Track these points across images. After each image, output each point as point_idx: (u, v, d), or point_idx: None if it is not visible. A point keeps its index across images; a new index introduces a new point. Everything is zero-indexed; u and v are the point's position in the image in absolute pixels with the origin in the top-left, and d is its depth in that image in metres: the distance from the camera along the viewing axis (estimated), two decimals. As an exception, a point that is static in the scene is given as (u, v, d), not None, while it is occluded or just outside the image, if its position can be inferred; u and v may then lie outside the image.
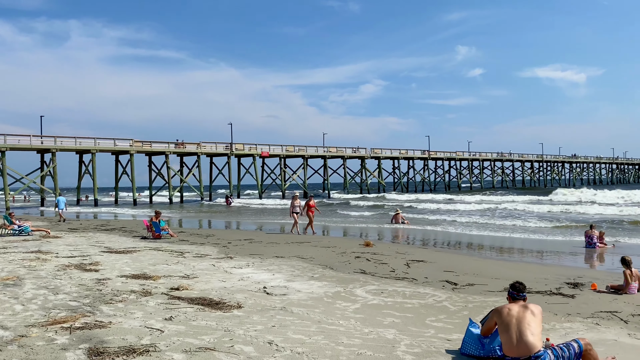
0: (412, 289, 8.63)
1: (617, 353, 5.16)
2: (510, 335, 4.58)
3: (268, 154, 65.55)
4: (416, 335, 5.76)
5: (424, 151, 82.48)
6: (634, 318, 6.76)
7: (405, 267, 11.04)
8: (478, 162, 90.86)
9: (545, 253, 14.71)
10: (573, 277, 9.72)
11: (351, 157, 73.68)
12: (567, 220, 25.01)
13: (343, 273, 10.19)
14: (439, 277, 9.86)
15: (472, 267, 11.09)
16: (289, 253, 13.30)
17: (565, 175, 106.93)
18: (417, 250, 14.83)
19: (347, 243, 16.26)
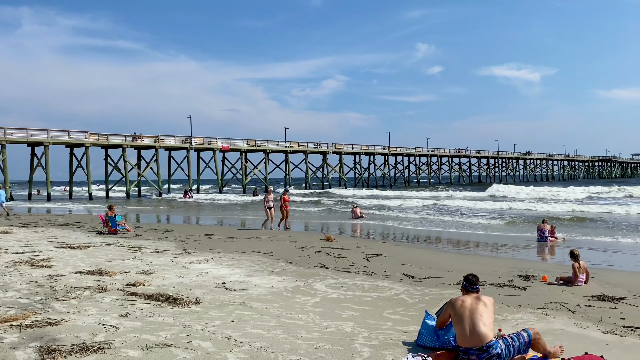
0: (371, 282, 8.74)
1: (565, 342, 5.38)
2: (464, 327, 4.71)
3: (229, 148, 64.86)
4: (374, 328, 5.85)
5: (384, 147, 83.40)
6: (581, 308, 7.06)
7: (365, 261, 11.17)
8: (436, 158, 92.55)
9: (500, 247, 15.16)
10: (525, 270, 10.06)
11: (313, 152, 73.79)
12: (510, 216, 25.81)
13: (303, 267, 10.22)
14: (397, 270, 10.02)
15: (430, 261, 11.32)
16: (249, 248, 13.24)
17: (520, 172, 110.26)
18: (376, 244, 15.02)
19: (308, 238, 16.30)
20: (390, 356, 4.89)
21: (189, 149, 61.76)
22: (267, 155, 68.34)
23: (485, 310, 4.77)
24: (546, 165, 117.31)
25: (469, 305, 4.83)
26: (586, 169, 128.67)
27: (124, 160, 57.10)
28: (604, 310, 6.94)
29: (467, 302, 4.87)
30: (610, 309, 7.04)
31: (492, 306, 4.89)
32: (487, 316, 4.73)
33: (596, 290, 8.22)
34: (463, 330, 4.70)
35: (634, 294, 7.93)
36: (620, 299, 7.60)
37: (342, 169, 77.49)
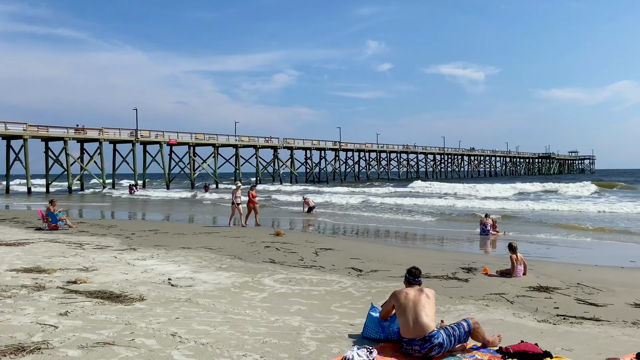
0: (320, 276, 8.81)
1: (503, 331, 5.61)
2: (407, 318, 4.84)
3: (176, 141, 63.52)
4: (321, 322, 5.90)
5: (335, 142, 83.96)
6: (519, 299, 7.38)
7: (314, 256, 11.23)
8: (385, 153, 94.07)
9: (444, 240, 15.60)
10: (467, 263, 10.41)
11: (264, 146, 73.39)
12: (439, 213, 26.63)
13: (252, 263, 10.17)
14: (345, 264, 10.13)
15: (377, 254, 11.51)
16: (196, 244, 13.04)
17: (464, 167, 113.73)
18: (326, 238, 15.13)
19: (257, 233, 16.22)
20: (336, 349, 4.95)
21: (135, 142, 60.08)
22: (217, 149, 67.41)
23: (428, 301, 4.92)
24: (489, 161, 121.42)
25: (412, 297, 4.96)
26: (527, 165, 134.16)
27: (66, 153, 54.87)
28: (540, 300, 7.28)
29: (411, 294, 5.01)
30: (545, 299, 7.40)
31: (434, 298, 5.05)
32: (430, 307, 4.88)
33: (533, 281, 8.61)
34: (406, 322, 4.83)
35: (568, 284, 8.36)
36: (555, 289, 8.00)
37: (293, 164, 77.50)
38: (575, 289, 8.00)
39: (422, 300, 4.91)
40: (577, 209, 25.99)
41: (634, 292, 7.78)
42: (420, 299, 4.92)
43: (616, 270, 10.14)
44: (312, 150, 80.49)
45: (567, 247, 13.68)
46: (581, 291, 7.88)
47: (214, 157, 67.28)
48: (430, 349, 4.68)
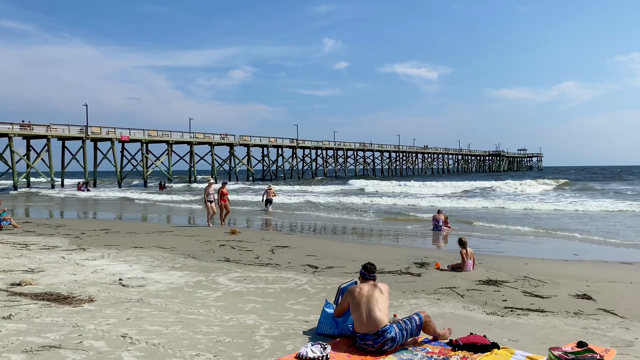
0: (275, 274, 8.79)
1: (453, 324, 5.77)
2: (361, 313, 4.91)
3: (128, 138, 61.85)
4: (276, 319, 5.90)
5: (292, 140, 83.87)
6: (469, 292, 7.60)
7: (270, 253, 11.20)
8: (342, 151, 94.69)
9: (399, 236, 15.86)
10: (420, 258, 10.63)
11: (219, 143, 72.45)
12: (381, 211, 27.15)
13: (206, 262, 10.04)
14: (301, 261, 10.16)
15: (333, 251, 11.59)
16: (149, 243, 12.76)
17: (419, 165, 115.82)
18: (282, 236, 15.11)
19: (212, 231, 16.02)
20: (291, 346, 4.96)
21: (85, 139, 58.11)
22: (170, 146, 66.05)
23: (381, 296, 5.00)
24: (442, 159, 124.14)
25: (366, 292, 5.03)
26: (478, 162, 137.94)
27: (11, 150, 52.51)
28: (489, 294, 7.52)
29: (365, 289, 5.08)
30: (494, 292, 7.65)
31: (388, 292, 5.13)
32: (383, 302, 4.96)
33: (483, 275, 8.88)
34: (360, 317, 4.89)
35: (515, 277, 8.67)
36: (503, 282, 8.28)
37: (249, 161, 76.88)
38: (522, 282, 8.30)
39: (375, 295, 4.98)
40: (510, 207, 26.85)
41: (576, 283, 8.15)
42: (374, 294, 5.00)
43: (560, 263, 10.58)
44: (269, 147, 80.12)
45: (515, 241, 14.17)
46: (528, 284, 8.18)
47: (167, 155, 65.91)
48: (383, 344, 4.76)
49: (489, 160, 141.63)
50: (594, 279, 8.49)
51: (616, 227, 17.49)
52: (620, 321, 6.00)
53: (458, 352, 4.78)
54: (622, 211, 23.15)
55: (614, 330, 5.62)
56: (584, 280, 8.37)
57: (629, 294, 7.49)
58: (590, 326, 5.78)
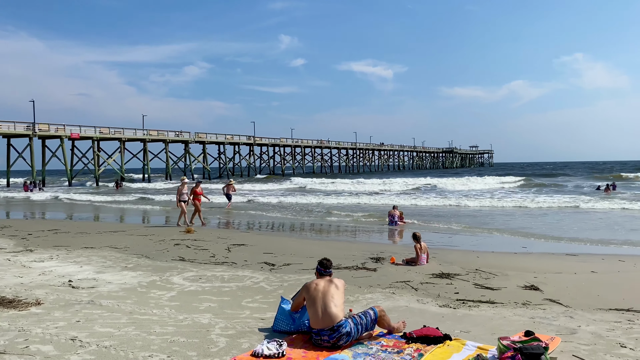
0: (232, 272, 8.72)
1: (408, 317, 5.88)
2: (316, 309, 4.94)
3: (78, 135, 59.80)
4: (232, 318, 5.86)
5: (249, 137, 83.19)
6: (423, 286, 7.76)
7: (226, 252, 11.09)
8: (300, 148, 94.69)
9: (355, 232, 16.01)
10: (376, 253, 10.77)
11: (174, 141, 71.03)
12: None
13: (160, 261, 9.84)
14: (258, 259, 10.11)
15: (290, 248, 11.60)
16: (100, 243, 12.40)
17: (375, 162, 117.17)
18: (239, 234, 14.98)
19: (166, 230, 15.73)
20: (247, 344, 4.94)
21: (32, 137, 55.76)
22: (123, 144, 64.25)
23: (337, 292, 5.04)
24: (398, 156, 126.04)
25: (321, 288, 5.06)
26: (432, 159, 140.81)
27: (-50, 148, 49.79)
28: (441, 287, 7.71)
29: (321, 285, 5.11)
30: (447, 284, 7.84)
31: (343, 288, 5.19)
32: (338, 297, 5.01)
33: (436, 268, 9.09)
34: (316, 313, 4.92)
35: (467, 270, 8.92)
36: (456, 275, 8.50)
37: (205, 159, 75.73)
38: (474, 275, 8.55)
39: (331, 290, 5.03)
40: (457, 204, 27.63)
41: (524, 275, 8.45)
42: (329, 289, 5.04)
43: (510, 255, 10.95)
44: (225, 144, 79.18)
45: (467, 235, 14.56)
46: (479, 276, 8.43)
47: (120, 152, 64.09)
48: (338, 338, 4.81)
49: (442, 157, 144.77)
50: (541, 271, 8.83)
51: (564, 221, 18.25)
52: (564, 310, 6.27)
53: (412, 344, 4.88)
54: (563, 208, 24.15)
55: (559, 319, 5.87)
56: (531, 272, 8.69)
57: (573, 284, 7.83)
58: (537, 316, 6.01)
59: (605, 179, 47.77)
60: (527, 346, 4.15)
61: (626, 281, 8.05)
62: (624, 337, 5.11)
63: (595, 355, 4.60)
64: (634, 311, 6.18)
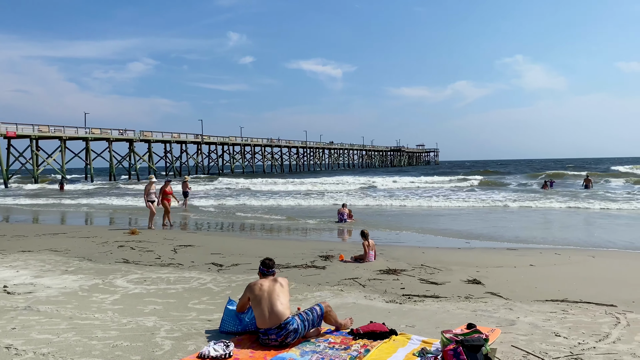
0: (178, 274, 8.55)
1: (355, 314, 5.96)
2: (263, 309, 4.92)
3: (15, 134, 56.86)
4: (177, 320, 5.75)
5: (197, 135, 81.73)
6: (370, 282, 7.88)
7: (172, 253, 10.87)
8: (250, 147, 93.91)
9: (305, 231, 16.05)
10: (325, 251, 10.84)
11: (118, 139, 68.86)
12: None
13: (103, 264, 9.53)
14: (205, 260, 9.96)
15: (239, 248, 11.49)
16: (39, 246, 11.86)
17: (325, 160, 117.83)
18: (186, 235, 14.70)
19: (110, 232, 15.25)
20: (193, 346, 4.86)
21: (-37, 135, 52.66)
22: (64, 142, 61.69)
23: (282, 290, 5.06)
24: (348, 154, 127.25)
25: (266, 288, 5.06)
26: (381, 158, 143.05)
27: None
28: (388, 282, 7.85)
29: (265, 285, 5.10)
30: (393, 280, 8.00)
31: (288, 286, 5.21)
32: (284, 296, 5.03)
33: (383, 265, 9.25)
34: (262, 312, 4.91)
35: (413, 265, 9.12)
36: (402, 271, 8.68)
37: (151, 158, 73.77)
38: (419, 270, 8.75)
39: (276, 289, 5.03)
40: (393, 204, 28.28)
41: (467, 269, 8.73)
42: (274, 288, 5.04)
43: (454, 251, 11.28)
44: (172, 143, 77.42)
45: (414, 232, 14.89)
46: (424, 271, 8.64)
47: (60, 151, 61.50)
48: (286, 336, 4.81)
49: (390, 155, 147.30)
50: (483, 265, 9.15)
51: (506, 218, 18.97)
52: (504, 303, 6.53)
53: (359, 340, 4.95)
54: (498, 207, 25.12)
55: (500, 311, 6.10)
56: (474, 266, 9.00)
57: (513, 277, 8.16)
58: (479, 309, 6.23)
59: (547, 176, 49.93)
60: (468, 338, 4.29)
61: (561, 273, 8.47)
62: (559, 327, 5.37)
63: (532, 344, 4.81)
64: (568, 301, 6.51)
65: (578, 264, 9.35)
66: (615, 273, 8.50)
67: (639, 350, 4.60)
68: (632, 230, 15.07)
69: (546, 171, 59.65)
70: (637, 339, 4.95)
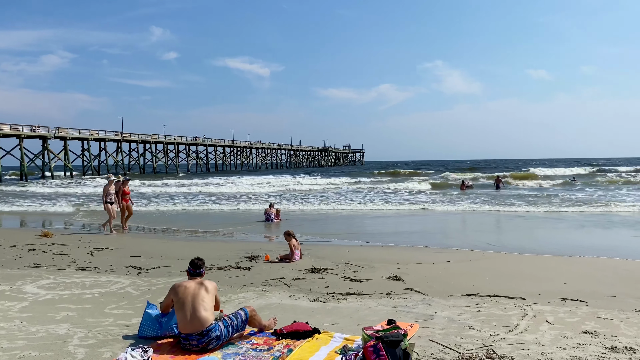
0: (94, 278, 8.16)
1: (279, 314, 5.96)
2: (185, 313, 4.78)
3: None
4: (93, 326, 5.48)
5: (117, 132, 78.31)
6: (295, 282, 7.91)
7: (89, 256, 10.36)
8: (173, 145, 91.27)
9: (231, 231, 15.81)
10: (251, 251, 10.75)
11: (30, 136, 64.44)
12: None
13: (11, 269, 8.90)
14: (124, 263, 9.58)
15: (160, 250, 11.14)
16: (-64, 251, 10.89)
17: (253, 160, 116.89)
18: (103, 237, 14.04)
19: (20, 235, 14.28)
20: (109, 353, 4.65)
21: None
22: (-32, 139, 56.98)
23: (207, 295, 4.92)
24: (276, 154, 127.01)
25: (191, 291, 4.91)
26: (309, 158, 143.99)
27: None
28: (313, 281, 7.92)
29: (190, 288, 4.95)
30: (318, 279, 8.07)
31: (215, 290, 5.07)
32: (209, 301, 4.89)
33: (309, 264, 9.31)
34: (184, 317, 4.77)
35: (337, 264, 9.26)
36: (327, 269, 8.78)
37: (67, 156, 69.79)
38: (344, 268, 8.90)
39: (201, 294, 4.88)
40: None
41: (389, 266, 8.98)
42: (199, 292, 4.89)
43: (377, 248, 11.57)
44: (90, 141, 73.66)
45: (339, 231, 15.12)
46: (348, 269, 8.79)
47: (-37, 149, 56.75)
48: (208, 343, 4.71)
49: (318, 155, 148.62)
50: (404, 262, 9.45)
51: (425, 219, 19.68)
52: (423, 298, 6.78)
53: (282, 340, 4.95)
54: (423, 209, 26.09)
55: (418, 306, 6.33)
56: (395, 263, 9.27)
57: (431, 273, 8.49)
58: (399, 304, 6.43)
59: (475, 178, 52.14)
60: (387, 334, 4.41)
61: (476, 268, 8.92)
62: (473, 320, 5.66)
63: (448, 338, 5.03)
64: (482, 296, 6.87)
65: (491, 259, 9.88)
66: (524, 268, 9.06)
67: (543, 339, 4.94)
68: (541, 231, 16.14)
69: (466, 173, 62.41)
70: (542, 328, 5.31)
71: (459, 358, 4.46)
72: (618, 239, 13.39)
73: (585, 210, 19.89)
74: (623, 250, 10.93)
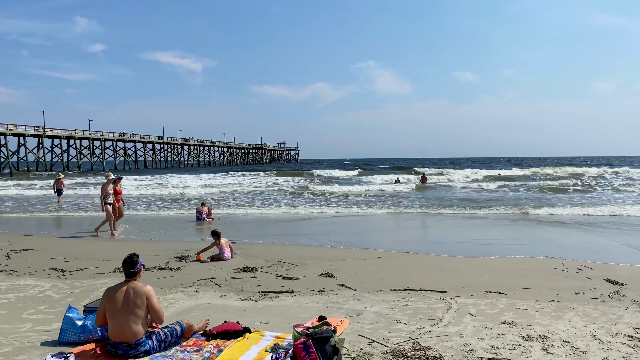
0: (11, 282, 7.69)
1: (210, 314, 5.88)
2: (115, 323, 4.48)
3: None
4: (8, 333, 5.17)
5: (38, 127, 73.87)
6: (226, 281, 7.83)
7: (5, 259, 9.76)
8: (100, 141, 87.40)
9: (159, 230, 15.37)
10: (181, 251, 10.52)
11: (-63, 130, 59.58)
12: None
13: None
14: (45, 265, 9.09)
15: (84, 251, 10.67)
16: None
17: (184, 157, 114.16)
18: (22, 238, 13.23)
19: None
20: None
21: None
22: None
23: (139, 305, 4.63)
24: (208, 151, 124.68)
25: (123, 298, 4.63)
26: (243, 155, 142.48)
27: None
28: (245, 280, 7.87)
29: (122, 295, 4.66)
30: (250, 278, 8.03)
31: (151, 298, 4.70)
32: (141, 310, 4.62)
33: (241, 263, 9.24)
34: (114, 326, 4.55)
35: (270, 262, 9.25)
36: (259, 268, 8.75)
37: (-20, 152, 65.06)
38: (276, 266, 8.90)
39: (136, 302, 4.60)
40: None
41: (321, 264, 9.08)
42: (131, 301, 4.60)
43: (310, 246, 11.65)
44: (7, 136, 69.03)
45: (273, 228, 15.09)
46: (281, 267, 8.81)
47: None
48: (135, 356, 4.53)
49: (252, 152, 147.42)
50: (336, 259, 9.59)
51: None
52: (354, 294, 6.91)
53: (212, 341, 4.90)
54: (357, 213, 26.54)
55: (349, 302, 6.45)
56: (328, 260, 9.39)
57: (362, 270, 8.67)
58: (331, 301, 6.52)
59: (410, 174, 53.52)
60: (317, 331, 4.47)
61: (404, 264, 9.19)
62: (400, 314, 5.84)
63: (376, 332, 5.17)
64: (409, 290, 7.10)
65: (418, 255, 10.22)
66: (448, 263, 9.44)
67: (465, 331, 5.19)
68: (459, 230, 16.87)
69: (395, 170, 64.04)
70: (465, 320, 5.57)
71: (387, 352, 4.59)
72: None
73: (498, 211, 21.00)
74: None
